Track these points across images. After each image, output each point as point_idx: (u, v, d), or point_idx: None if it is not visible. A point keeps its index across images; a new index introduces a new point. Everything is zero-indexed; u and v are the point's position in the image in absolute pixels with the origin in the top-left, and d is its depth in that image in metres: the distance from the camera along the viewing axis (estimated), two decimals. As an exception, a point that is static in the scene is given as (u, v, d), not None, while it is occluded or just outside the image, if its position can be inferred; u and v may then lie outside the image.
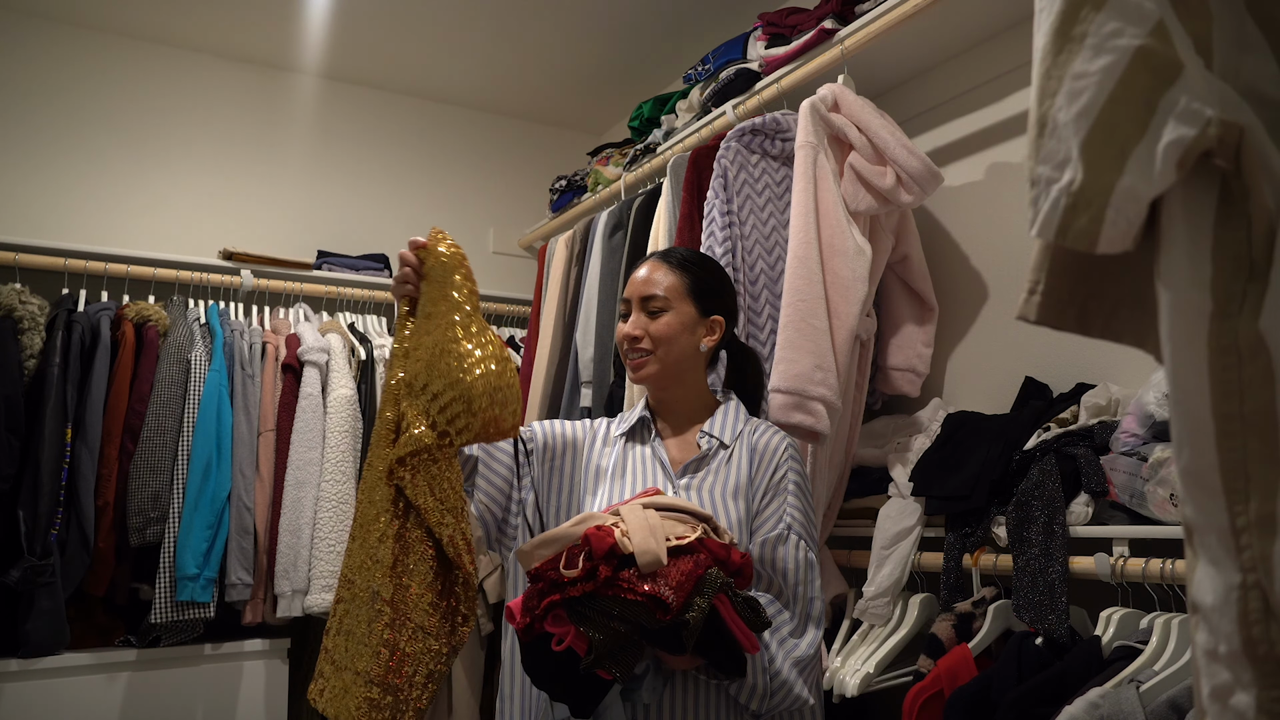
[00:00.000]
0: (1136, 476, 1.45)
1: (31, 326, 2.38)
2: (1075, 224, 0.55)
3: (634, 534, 1.19)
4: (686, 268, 1.53)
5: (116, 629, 2.45)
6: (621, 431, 1.53)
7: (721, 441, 1.47)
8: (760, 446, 1.46)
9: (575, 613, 1.16)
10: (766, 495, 1.43)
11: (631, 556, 1.17)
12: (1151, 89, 0.53)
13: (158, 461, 2.41)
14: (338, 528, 2.53)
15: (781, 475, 1.44)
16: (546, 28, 3.02)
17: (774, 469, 1.44)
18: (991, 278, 2.08)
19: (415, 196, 3.44)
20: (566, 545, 1.21)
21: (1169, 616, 1.39)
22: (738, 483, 1.43)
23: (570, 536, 1.22)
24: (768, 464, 1.45)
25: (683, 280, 1.51)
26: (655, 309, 1.49)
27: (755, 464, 1.45)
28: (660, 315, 1.49)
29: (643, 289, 1.51)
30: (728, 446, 1.47)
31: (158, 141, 3.04)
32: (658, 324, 1.49)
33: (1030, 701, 1.40)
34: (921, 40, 2.08)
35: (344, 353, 2.74)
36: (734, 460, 1.45)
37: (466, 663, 2.72)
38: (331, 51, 3.17)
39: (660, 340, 1.48)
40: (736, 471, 1.44)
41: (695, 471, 1.45)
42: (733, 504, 1.41)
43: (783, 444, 1.47)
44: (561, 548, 1.21)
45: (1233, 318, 0.52)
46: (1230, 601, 0.52)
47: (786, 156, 2.08)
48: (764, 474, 1.44)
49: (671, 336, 1.48)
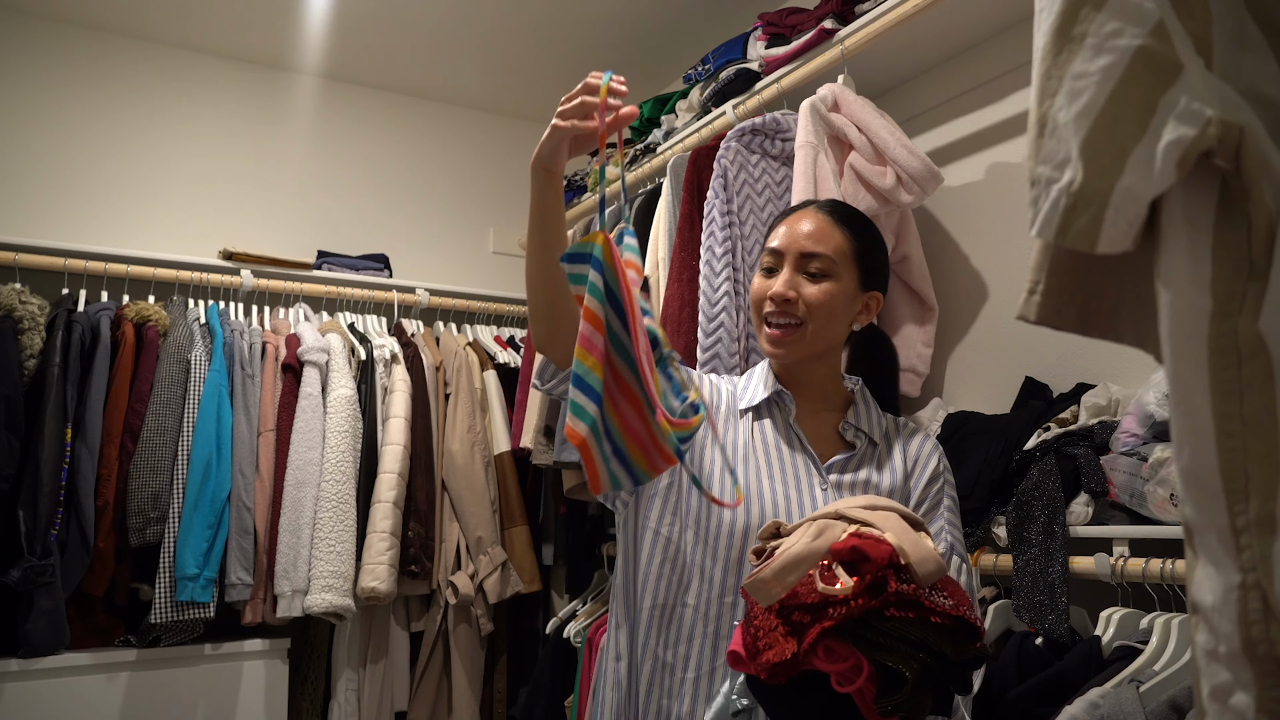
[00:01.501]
0: (1136, 476, 1.45)
1: (31, 326, 2.38)
2: (1075, 224, 0.55)
3: (902, 541, 0.93)
4: (854, 228, 1.30)
5: (116, 629, 2.45)
6: (747, 406, 1.30)
7: (871, 438, 1.29)
8: (915, 453, 1.30)
9: (861, 640, 0.89)
10: (923, 506, 1.27)
11: (904, 568, 0.92)
12: (1151, 89, 0.53)
13: (158, 461, 2.41)
14: (338, 527, 2.53)
15: (939, 488, 1.29)
16: (546, 28, 3.02)
17: (930, 480, 1.29)
18: (991, 278, 2.08)
19: (415, 196, 3.45)
20: (815, 564, 0.95)
21: (1169, 616, 1.39)
22: (891, 489, 1.26)
23: (815, 553, 0.95)
24: (922, 471, 1.29)
25: (850, 242, 1.28)
26: (817, 271, 1.26)
27: (910, 471, 1.28)
28: (822, 280, 1.26)
29: (806, 244, 1.26)
30: (876, 445, 1.30)
31: (157, 141, 3.04)
32: (817, 290, 1.25)
33: (1030, 701, 1.39)
34: (921, 40, 2.08)
35: (344, 353, 2.74)
36: (886, 464, 1.28)
37: (466, 663, 2.72)
38: (331, 51, 3.17)
39: (817, 310, 1.25)
40: (890, 476, 1.27)
41: (844, 471, 1.26)
42: None
43: (938, 453, 1.32)
44: (809, 568, 0.95)
45: (1233, 318, 0.52)
46: (1230, 601, 0.52)
47: (786, 156, 2.08)
48: (920, 484, 1.28)
49: (832, 309, 1.26)
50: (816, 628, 0.89)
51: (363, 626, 2.71)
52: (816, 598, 0.90)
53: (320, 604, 2.46)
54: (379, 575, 2.53)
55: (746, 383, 1.34)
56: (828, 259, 1.26)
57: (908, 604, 0.89)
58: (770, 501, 1.21)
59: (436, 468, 2.78)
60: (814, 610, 0.89)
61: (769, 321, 1.27)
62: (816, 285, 1.26)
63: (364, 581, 2.52)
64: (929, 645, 0.88)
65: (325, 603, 2.46)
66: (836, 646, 0.89)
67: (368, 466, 2.68)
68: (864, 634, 0.89)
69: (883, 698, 0.87)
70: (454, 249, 3.49)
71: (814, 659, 0.89)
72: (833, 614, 0.89)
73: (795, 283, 1.26)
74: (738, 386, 1.34)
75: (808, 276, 1.26)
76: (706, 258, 1.97)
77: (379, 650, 2.72)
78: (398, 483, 2.64)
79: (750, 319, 1.98)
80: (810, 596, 0.90)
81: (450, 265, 3.44)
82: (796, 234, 1.28)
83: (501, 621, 2.88)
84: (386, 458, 2.66)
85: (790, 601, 0.91)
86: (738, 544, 1.20)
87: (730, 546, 1.20)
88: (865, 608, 0.88)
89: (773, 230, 1.33)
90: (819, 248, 1.26)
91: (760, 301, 1.28)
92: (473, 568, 2.71)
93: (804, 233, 1.28)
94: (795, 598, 0.91)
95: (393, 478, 2.63)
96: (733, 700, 0.99)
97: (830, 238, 1.27)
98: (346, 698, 2.64)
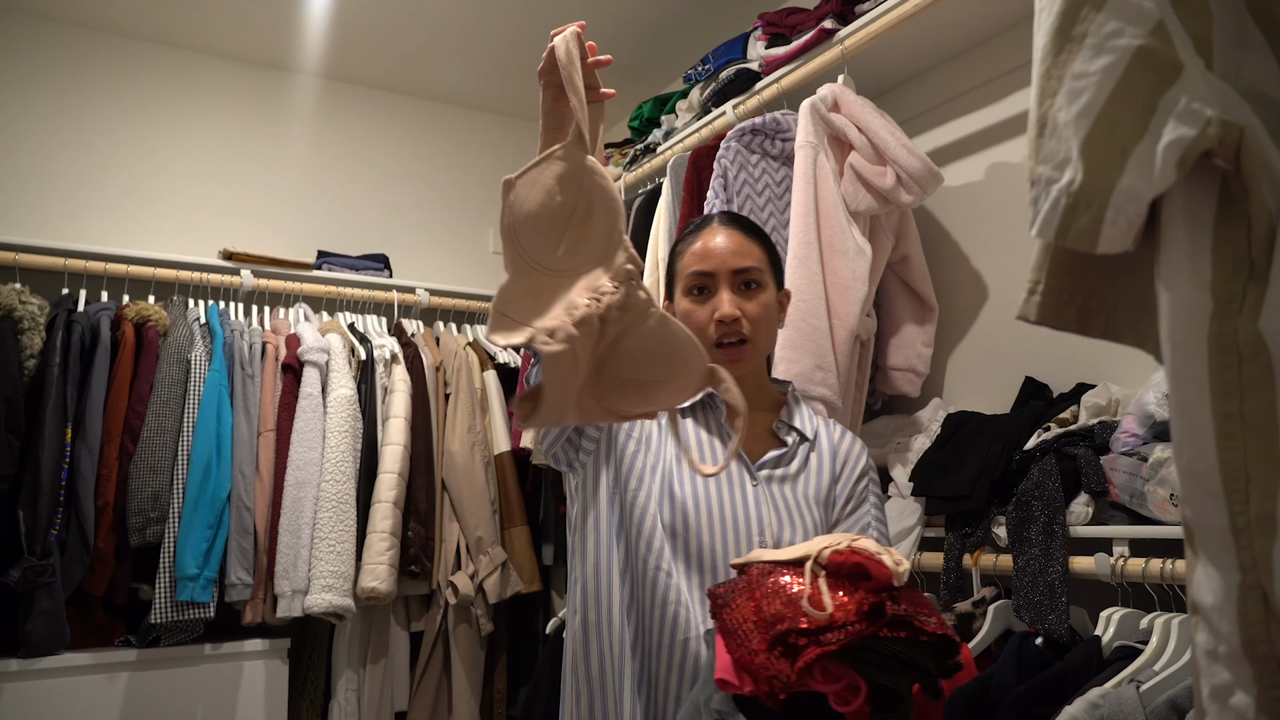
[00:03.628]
0: (1136, 476, 1.45)
1: (31, 326, 2.38)
2: (1075, 224, 0.55)
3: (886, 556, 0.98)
4: (760, 236, 1.34)
5: (116, 629, 2.44)
6: (681, 407, 1.32)
7: (804, 435, 1.34)
8: (845, 452, 1.36)
9: (858, 661, 0.92)
10: (849, 504, 1.32)
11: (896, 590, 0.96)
12: (1152, 89, 0.53)
13: (158, 461, 2.41)
14: (338, 528, 2.53)
15: (866, 484, 1.35)
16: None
17: (858, 476, 1.34)
18: (991, 278, 2.08)
19: (415, 196, 3.45)
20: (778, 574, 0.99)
21: (1169, 616, 1.39)
22: (819, 486, 1.31)
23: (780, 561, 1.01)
24: (851, 469, 1.34)
25: (765, 251, 1.33)
26: (751, 282, 1.29)
27: (839, 467, 1.34)
28: (757, 292, 1.30)
29: (735, 261, 1.29)
30: (809, 441, 1.34)
31: (158, 141, 3.04)
32: (757, 305, 1.29)
33: (1030, 701, 1.39)
34: (921, 40, 2.08)
35: (344, 353, 2.74)
36: (815, 461, 1.33)
37: (466, 663, 2.72)
38: (331, 51, 3.17)
39: (759, 324, 1.29)
40: (819, 475, 1.32)
41: (775, 467, 1.30)
42: (817, 509, 1.29)
43: (865, 451, 1.38)
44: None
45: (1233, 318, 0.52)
46: (1230, 601, 0.52)
47: (786, 156, 2.08)
48: (848, 479, 1.33)
49: (770, 319, 1.31)
50: (814, 650, 0.90)
51: (363, 626, 2.71)
52: (810, 623, 0.91)
53: (320, 604, 2.46)
54: (379, 575, 2.53)
55: None
56: (758, 270, 1.30)
57: (901, 625, 0.92)
58: (703, 495, 1.25)
59: (436, 468, 2.78)
60: (810, 635, 0.92)
61: (719, 343, 1.28)
62: (754, 300, 1.29)
63: (364, 581, 2.52)
64: (918, 663, 0.92)
65: (325, 603, 2.46)
66: (832, 666, 0.91)
67: (368, 466, 2.68)
68: (859, 654, 0.91)
69: (878, 715, 0.90)
70: (454, 249, 3.49)
71: (810, 680, 0.91)
72: (832, 639, 0.91)
73: (736, 301, 1.28)
74: None
75: (743, 293, 1.29)
76: (706, 258, 1.96)
77: (379, 650, 2.72)
78: (398, 483, 2.64)
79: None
80: (801, 621, 0.92)
81: (450, 265, 3.44)
82: (723, 253, 1.30)
83: (501, 621, 2.88)
84: (386, 458, 2.66)
85: (783, 626, 0.93)
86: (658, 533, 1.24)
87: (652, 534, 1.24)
88: (864, 633, 0.91)
89: (686, 251, 1.34)
90: (748, 262, 1.30)
91: (704, 325, 1.29)
92: (473, 568, 2.71)
93: (730, 250, 1.30)
94: (785, 621, 0.93)
95: (393, 478, 2.63)
96: (710, 709, 1.00)
97: (751, 250, 1.31)
98: (346, 698, 2.64)
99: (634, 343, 0.96)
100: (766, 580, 0.99)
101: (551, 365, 0.92)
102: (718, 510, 1.24)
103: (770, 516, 1.25)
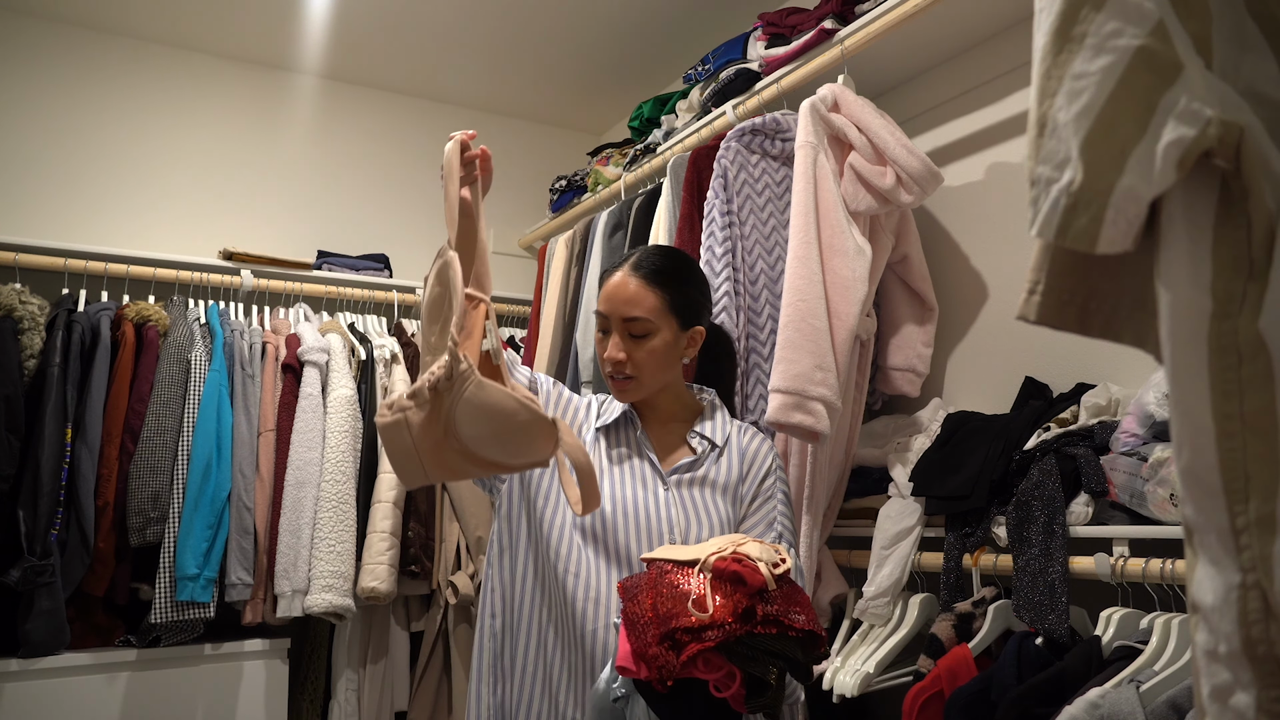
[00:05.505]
0: (1136, 476, 1.45)
1: (31, 326, 2.38)
2: (1075, 224, 0.55)
3: (762, 564, 1.14)
4: (664, 282, 1.45)
5: (116, 629, 2.45)
6: (603, 424, 1.48)
7: (714, 443, 1.47)
8: (752, 454, 1.48)
9: (733, 654, 1.09)
10: (756, 500, 1.46)
11: (769, 594, 1.12)
12: (1151, 89, 0.53)
13: (158, 461, 2.41)
14: (338, 528, 2.53)
15: (771, 482, 1.47)
16: (546, 28, 3.02)
17: (764, 475, 1.47)
18: (991, 278, 2.08)
19: (415, 196, 3.45)
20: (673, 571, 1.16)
21: (1169, 616, 1.39)
22: (727, 484, 1.45)
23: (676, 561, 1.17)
24: (758, 469, 1.47)
25: (663, 298, 1.44)
26: (639, 333, 1.43)
27: (745, 468, 1.47)
28: (645, 340, 1.43)
29: (624, 309, 1.43)
30: (719, 448, 1.47)
31: (158, 141, 3.04)
32: (643, 351, 1.42)
33: (1030, 701, 1.40)
34: (921, 40, 2.08)
35: (344, 353, 2.74)
36: (723, 462, 1.46)
37: (466, 663, 2.72)
38: (331, 51, 3.17)
39: (644, 366, 1.43)
40: (726, 474, 1.45)
41: (686, 472, 1.45)
42: (725, 506, 1.43)
43: (771, 450, 1.51)
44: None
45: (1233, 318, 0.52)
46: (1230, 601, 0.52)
47: (786, 156, 2.08)
48: (754, 479, 1.46)
49: (656, 362, 1.43)
50: (695, 646, 1.07)
51: (363, 626, 2.71)
52: (694, 621, 1.08)
53: (320, 604, 2.46)
54: (379, 575, 2.53)
55: (610, 404, 1.51)
56: (646, 321, 1.42)
57: (771, 623, 1.09)
58: (620, 499, 1.39)
59: (436, 468, 2.78)
60: (694, 632, 1.08)
61: (610, 378, 1.45)
62: (641, 346, 1.43)
63: (364, 581, 2.52)
64: (786, 654, 1.09)
65: (325, 603, 2.46)
66: (712, 658, 1.08)
67: (368, 466, 2.68)
68: (735, 648, 1.09)
69: (751, 699, 1.08)
70: (454, 249, 3.48)
71: (694, 669, 1.08)
72: (710, 636, 1.08)
73: (623, 345, 1.43)
74: (601, 405, 1.52)
75: (632, 338, 1.43)
76: (707, 258, 1.97)
77: (379, 650, 2.72)
78: (398, 483, 2.64)
79: (750, 319, 1.98)
80: (687, 619, 1.08)
81: (450, 265, 3.44)
82: (615, 300, 1.44)
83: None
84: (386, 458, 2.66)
85: (673, 623, 1.09)
86: (566, 543, 1.38)
87: (559, 545, 1.38)
88: (737, 632, 1.08)
89: (601, 288, 1.48)
90: (636, 311, 1.42)
91: (603, 359, 1.45)
92: (473, 568, 2.71)
93: (622, 299, 1.43)
94: (675, 619, 1.09)
95: (393, 478, 2.63)
96: (613, 689, 1.17)
97: (644, 299, 1.43)
98: (346, 698, 2.64)
99: (464, 407, 1.11)
100: (664, 579, 1.15)
101: (385, 433, 1.12)
102: (633, 512, 1.38)
103: (679, 516, 1.39)
